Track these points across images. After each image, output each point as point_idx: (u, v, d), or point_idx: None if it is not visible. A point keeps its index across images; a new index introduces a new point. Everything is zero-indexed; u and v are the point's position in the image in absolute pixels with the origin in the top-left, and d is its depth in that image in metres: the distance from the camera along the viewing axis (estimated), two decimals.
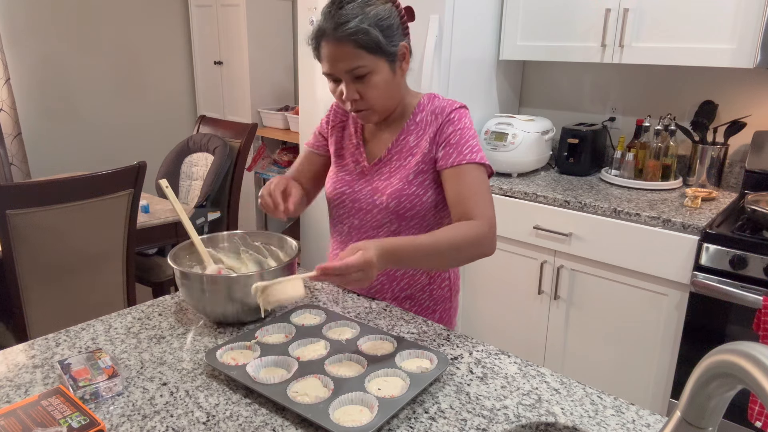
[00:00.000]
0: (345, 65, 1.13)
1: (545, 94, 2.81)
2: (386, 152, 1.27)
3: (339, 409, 0.87)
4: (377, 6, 1.13)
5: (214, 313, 1.13)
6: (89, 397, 0.91)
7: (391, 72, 1.17)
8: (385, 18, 1.13)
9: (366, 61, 1.13)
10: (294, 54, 3.88)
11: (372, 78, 1.15)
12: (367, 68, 1.13)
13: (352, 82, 1.15)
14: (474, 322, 2.52)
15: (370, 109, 1.20)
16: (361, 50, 1.11)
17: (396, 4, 1.18)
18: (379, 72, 1.15)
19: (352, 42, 1.10)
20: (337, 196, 1.32)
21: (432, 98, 1.27)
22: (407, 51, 1.19)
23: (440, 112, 1.24)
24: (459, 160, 1.19)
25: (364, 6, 1.12)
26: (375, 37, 1.11)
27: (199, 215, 2.70)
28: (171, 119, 4.10)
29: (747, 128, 2.22)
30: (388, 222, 1.26)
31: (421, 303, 1.34)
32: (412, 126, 1.26)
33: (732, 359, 0.49)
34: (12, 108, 3.19)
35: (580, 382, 0.99)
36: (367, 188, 1.28)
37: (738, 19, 1.94)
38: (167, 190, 1.27)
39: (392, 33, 1.14)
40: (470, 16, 2.40)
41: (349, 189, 1.31)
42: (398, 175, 1.25)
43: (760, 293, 1.72)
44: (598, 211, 2.06)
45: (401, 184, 1.23)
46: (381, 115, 1.23)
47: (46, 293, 1.99)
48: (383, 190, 1.26)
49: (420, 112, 1.26)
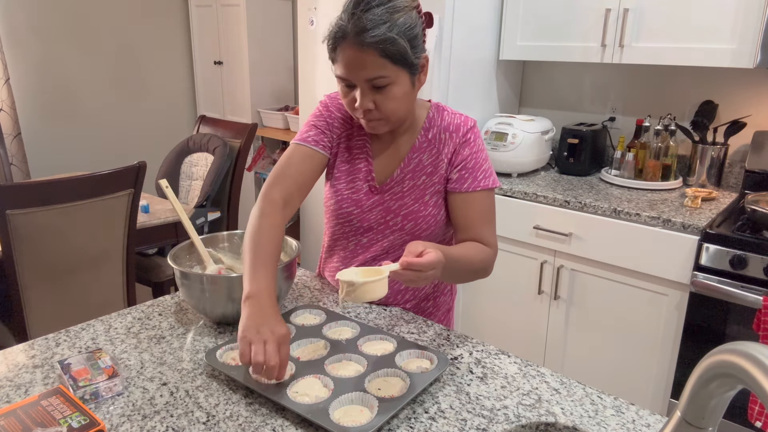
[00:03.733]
0: (366, 74, 1.05)
1: (545, 94, 2.81)
2: (399, 171, 1.21)
3: (339, 409, 0.87)
4: (405, 13, 1.05)
5: (214, 313, 1.13)
6: (89, 397, 0.91)
7: (411, 84, 1.11)
8: (412, 27, 1.06)
9: (388, 72, 1.05)
10: (294, 54, 3.88)
11: (392, 89, 1.07)
12: (389, 79, 1.06)
13: (370, 91, 1.08)
14: (474, 322, 2.52)
15: (383, 119, 1.12)
16: (385, 60, 1.04)
17: (419, 10, 1.10)
18: (400, 84, 1.08)
19: (378, 50, 1.02)
20: (344, 215, 1.25)
21: (441, 111, 1.22)
22: (427, 62, 1.13)
23: (455, 131, 1.19)
24: (474, 187, 1.18)
25: (392, 12, 1.03)
26: (402, 48, 1.04)
27: (199, 215, 2.70)
28: (171, 119, 4.10)
29: (747, 128, 2.22)
30: (400, 242, 1.23)
31: (424, 310, 1.33)
32: (425, 144, 1.20)
33: (732, 359, 0.49)
34: (12, 108, 3.19)
35: (580, 382, 0.99)
36: (377, 208, 1.23)
37: (738, 19, 1.94)
38: (167, 190, 1.27)
39: (418, 43, 1.08)
40: (470, 16, 2.40)
41: (358, 209, 1.24)
42: (412, 195, 1.20)
43: (760, 293, 1.72)
44: (598, 211, 2.06)
45: (417, 206, 1.20)
46: (393, 125, 1.16)
47: (46, 293, 1.99)
48: (397, 211, 1.21)
49: (431, 127, 1.20)
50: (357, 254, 1.28)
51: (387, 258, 1.25)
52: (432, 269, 0.95)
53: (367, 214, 1.23)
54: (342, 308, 1.04)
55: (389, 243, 1.24)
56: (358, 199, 1.23)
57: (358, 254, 1.28)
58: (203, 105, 4.13)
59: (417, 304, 1.31)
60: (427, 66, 1.14)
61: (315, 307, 1.20)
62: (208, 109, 4.08)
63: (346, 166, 1.25)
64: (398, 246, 1.24)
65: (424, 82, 1.15)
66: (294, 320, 1.14)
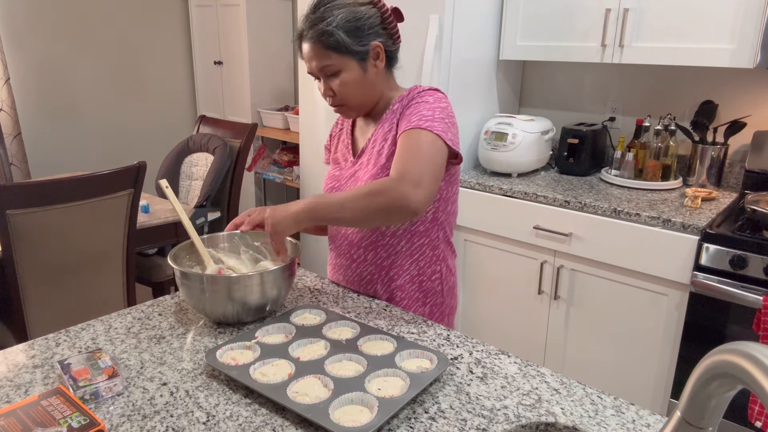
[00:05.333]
0: (316, 64, 1.22)
1: (545, 94, 2.81)
2: (366, 143, 1.33)
3: (339, 409, 0.87)
4: (349, 8, 1.20)
5: (214, 313, 1.13)
6: (89, 397, 0.91)
7: (362, 70, 1.23)
8: (356, 19, 1.20)
9: (333, 60, 1.21)
10: (294, 54, 3.88)
11: (341, 76, 1.22)
12: (336, 67, 1.21)
13: (326, 79, 1.24)
14: (474, 322, 2.52)
15: (344, 104, 1.27)
16: (328, 50, 1.20)
17: (379, 5, 1.23)
18: (348, 70, 1.22)
19: (320, 43, 1.19)
20: (328, 191, 1.37)
21: (412, 89, 1.30)
22: (381, 50, 1.24)
23: (409, 96, 1.28)
24: (407, 126, 1.20)
25: (333, 8, 1.19)
26: (339, 38, 1.18)
27: (199, 215, 2.70)
28: (171, 119, 4.10)
29: (747, 128, 2.22)
30: None
31: (411, 295, 1.34)
32: (389, 114, 1.30)
33: (732, 359, 0.49)
34: (12, 108, 3.19)
35: (580, 382, 0.99)
36: (350, 180, 1.34)
37: (738, 19, 1.94)
38: (167, 190, 1.27)
39: (361, 33, 1.20)
40: (470, 16, 2.40)
41: (337, 183, 1.36)
42: (374, 162, 1.28)
43: (760, 293, 1.72)
44: (598, 211, 2.06)
45: (375, 170, 1.26)
46: (358, 110, 1.30)
47: (46, 293, 2.00)
48: (362, 178, 1.29)
49: (399, 102, 1.29)
50: (339, 229, 1.38)
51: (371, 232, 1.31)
52: (255, 209, 1.19)
53: (343, 186, 1.35)
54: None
55: None
56: (339, 175, 1.37)
57: (340, 229, 1.37)
58: (203, 105, 4.13)
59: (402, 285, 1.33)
60: (382, 53, 1.24)
61: (315, 307, 1.20)
62: (208, 109, 4.08)
63: (336, 153, 1.43)
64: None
65: (382, 67, 1.26)
66: (294, 320, 1.14)
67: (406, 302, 1.34)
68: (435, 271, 1.35)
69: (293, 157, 3.69)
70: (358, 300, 1.30)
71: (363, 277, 1.35)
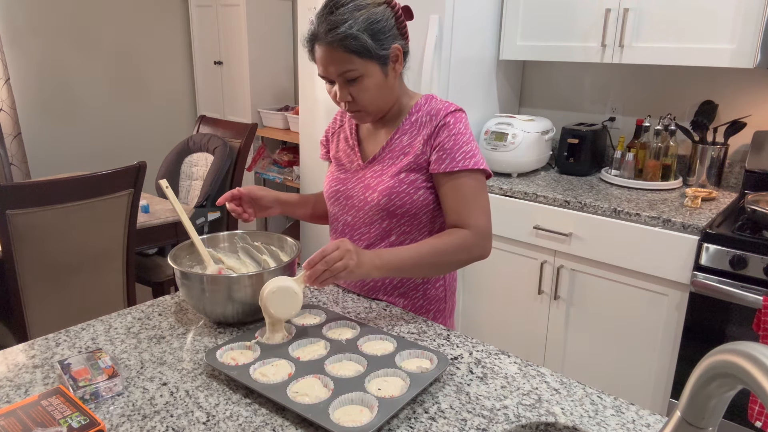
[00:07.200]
0: (336, 69, 1.15)
1: (545, 94, 2.81)
2: (380, 150, 1.28)
3: (339, 409, 0.87)
4: (369, 9, 1.13)
5: (214, 313, 1.13)
6: (89, 397, 0.91)
7: (383, 75, 1.19)
8: (376, 21, 1.14)
9: (356, 65, 1.14)
10: (294, 54, 3.88)
11: (363, 81, 1.17)
12: (358, 72, 1.15)
13: (345, 84, 1.18)
14: (474, 322, 2.52)
15: (362, 110, 1.22)
16: (351, 55, 1.13)
17: (392, 5, 1.18)
18: (371, 75, 1.17)
19: (342, 47, 1.12)
20: (333, 193, 1.34)
21: (429, 99, 1.28)
22: (400, 53, 1.20)
23: (435, 114, 1.24)
24: (452, 167, 1.20)
25: (354, 10, 1.12)
26: (364, 42, 1.12)
27: (199, 215, 2.70)
28: (171, 119, 4.10)
29: (747, 128, 2.22)
30: (378, 219, 1.27)
31: (414, 302, 1.34)
32: (408, 126, 1.26)
33: (732, 359, 0.49)
34: (12, 108, 3.19)
35: (580, 382, 0.99)
36: (359, 185, 1.30)
37: (738, 19, 1.94)
38: (167, 190, 1.27)
39: (383, 36, 1.15)
40: (470, 16, 2.40)
41: (343, 186, 1.32)
42: (389, 172, 1.25)
43: (760, 293, 1.72)
44: (598, 211, 2.06)
45: (392, 182, 1.24)
46: (374, 115, 1.25)
47: (46, 293, 1.99)
48: (375, 187, 1.26)
49: (416, 112, 1.26)
50: (345, 234, 1.35)
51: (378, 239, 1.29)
52: (336, 250, 1.04)
53: (351, 191, 1.31)
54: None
55: (369, 219, 1.28)
56: (345, 178, 1.33)
57: (346, 233, 1.34)
58: (203, 105, 4.13)
59: (406, 293, 1.33)
60: (401, 56, 1.21)
61: (315, 307, 1.20)
62: (208, 109, 4.08)
63: (338, 152, 1.38)
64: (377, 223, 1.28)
65: (400, 71, 1.23)
66: (294, 320, 1.14)
67: (410, 309, 1.34)
68: (439, 279, 1.36)
69: (293, 157, 3.69)
70: (358, 300, 1.30)
71: (366, 284, 1.34)
